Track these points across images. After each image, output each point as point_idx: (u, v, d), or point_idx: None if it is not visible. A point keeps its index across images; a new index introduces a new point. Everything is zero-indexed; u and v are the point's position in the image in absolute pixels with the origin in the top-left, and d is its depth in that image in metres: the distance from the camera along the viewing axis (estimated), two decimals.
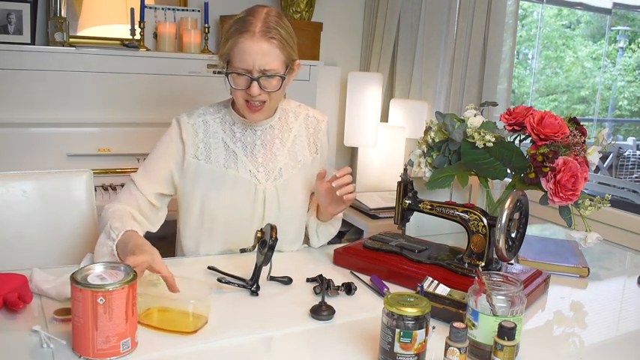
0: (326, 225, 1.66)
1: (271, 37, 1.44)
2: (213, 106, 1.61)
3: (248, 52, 1.43)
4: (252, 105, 1.49)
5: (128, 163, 2.51)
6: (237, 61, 1.45)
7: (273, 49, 1.45)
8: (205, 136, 1.56)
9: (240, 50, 1.44)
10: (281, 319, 1.21)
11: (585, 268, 1.58)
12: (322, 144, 1.69)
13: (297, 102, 1.71)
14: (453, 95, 2.98)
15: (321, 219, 1.65)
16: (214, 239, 1.58)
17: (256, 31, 1.43)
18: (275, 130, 1.62)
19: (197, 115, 1.57)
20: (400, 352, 0.99)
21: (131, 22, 2.69)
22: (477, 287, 1.08)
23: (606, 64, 7.51)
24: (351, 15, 3.51)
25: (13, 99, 2.37)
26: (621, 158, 6.46)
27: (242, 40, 1.44)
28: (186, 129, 1.55)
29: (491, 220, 1.38)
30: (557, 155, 1.50)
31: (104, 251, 1.35)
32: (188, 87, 2.64)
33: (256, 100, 1.48)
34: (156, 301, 1.16)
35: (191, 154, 1.54)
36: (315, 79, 2.92)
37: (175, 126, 1.56)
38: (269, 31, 1.44)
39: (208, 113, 1.59)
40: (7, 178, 1.56)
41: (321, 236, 1.68)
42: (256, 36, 1.43)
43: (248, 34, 1.43)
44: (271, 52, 1.44)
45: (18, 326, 1.11)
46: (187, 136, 1.54)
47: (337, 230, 1.71)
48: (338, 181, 1.49)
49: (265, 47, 1.43)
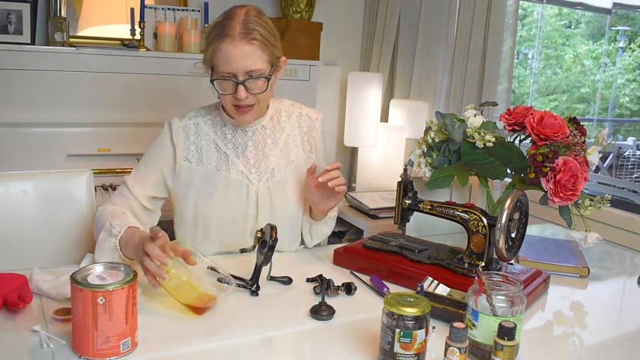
0: (319, 224, 1.64)
1: (252, 38, 1.43)
2: (204, 108, 1.62)
3: (230, 56, 1.42)
4: (240, 107, 1.49)
5: (128, 163, 2.51)
6: (221, 66, 1.44)
7: (255, 50, 1.43)
8: (197, 139, 1.56)
9: (222, 55, 1.43)
10: (281, 319, 1.21)
11: (585, 268, 1.58)
12: (317, 142, 1.68)
13: (290, 101, 1.70)
14: (453, 95, 2.98)
15: (314, 218, 1.64)
16: (209, 240, 1.58)
17: (236, 35, 1.42)
18: (267, 131, 1.62)
19: (188, 118, 1.58)
20: (400, 352, 0.99)
21: (131, 22, 2.69)
22: (476, 287, 1.08)
23: (606, 62, 7.52)
24: (351, 15, 3.51)
25: (13, 99, 2.37)
26: (621, 158, 6.46)
27: (223, 45, 1.43)
28: (177, 132, 1.55)
29: (491, 220, 1.38)
30: (557, 155, 1.50)
31: (106, 247, 1.35)
32: (188, 87, 2.64)
33: (244, 103, 1.48)
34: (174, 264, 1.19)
35: (182, 156, 1.55)
36: (315, 79, 2.92)
37: (167, 129, 1.56)
38: (249, 33, 1.43)
39: (199, 115, 1.59)
40: (7, 178, 1.56)
41: (315, 236, 1.67)
42: (237, 39, 1.42)
43: (228, 38, 1.42)
44: (254, 54, 1.43)
45: (18, 326, 1.11)
46: (178, 138, 1.55)
47: (331, 230, 1.70)
48: (327, 175, 1.48)
49: (247, 49, 1.42)
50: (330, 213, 1.65)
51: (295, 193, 1.63)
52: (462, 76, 2.92)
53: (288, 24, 3.02)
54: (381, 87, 3.15)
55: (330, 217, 1.68)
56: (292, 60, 2.84)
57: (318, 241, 1.69)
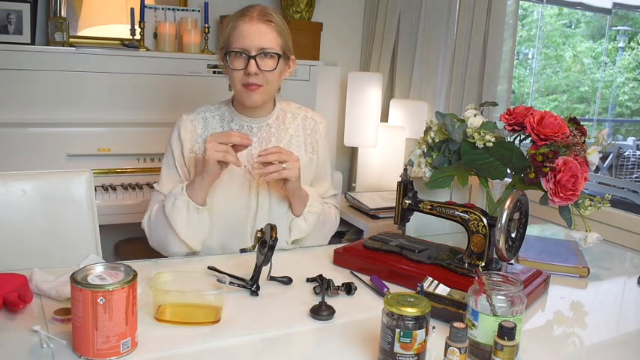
0: (298, 219, 1.61)
1: (269, 20, 1.54)
2: (214, 104, 1.68)
3: (246, 33, 1.52)
4: (250, 86, 1.53)
5: (128, 163, 2.52)
6: (236, 42, 1.53)
7: (271, 31, 1.53)
8: (204, 132, 1.62)
9: (238, 33, 1.53)
10: (281, 319, 1.21)
11: (585, 268, 1.58)
12: (319, 145, 1.70)
13: (297, 104, 1.74)
14: (453, 95, 2.98)
15: (294, 213, 1.61)
16: (213, 233, 1.59)
17: (254, 15, 1.53)
18: (272, 129, 1.66)
19: (197, 113, 1.65)
20: (400, 352, 0.99)
21: (131, 22, 2.69)
22: (476, 287, 1.08)
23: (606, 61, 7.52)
24: (351, 15, 3.51)
25: (13, 99, 2.37)
26: (621, 158, 6.46)
27: (240, 23, 1.53)
28: (185, 125, 1.62)
29: (492, 220, 1.38)
30: (557, 155, 1.50)
31: (179, 205, 1.50)
32: (188, 87, 2.64)
33: (253, 81, 1.52)
34: (165, 297, 1.17)
35: (189, 149, 1.61)
36: (315, 79, 2.92)
37: (175, 128, 1.64)
38: (266, 15, 1.54)
39: (208, 111, 1.66)
40: (7, 178, 1.56)
41: (293, 230, 1.61)
42: (254, 19, 1.53)
43: (247, 17, 1.53)
44: (269, 33, 1.53)
45: (18, 326, 1.11)
46: (185, 133, 1.62)
47: (310, 226, 1.62)
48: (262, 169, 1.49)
49: (263, 28, 1.52)
50: (308, 207, 1.60)
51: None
52: (462, 76, 2.92)
53: (288, 24, 3.02)
54: (381, 87, 3.15)
55: (310, 212, 1.61)
56: None
57: (296, 237, 1.62)
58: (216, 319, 1.17)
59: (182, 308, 1.18)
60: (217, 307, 1.18)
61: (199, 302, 1.19)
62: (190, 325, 1.15)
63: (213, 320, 1.16)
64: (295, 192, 1.56)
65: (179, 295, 1.18)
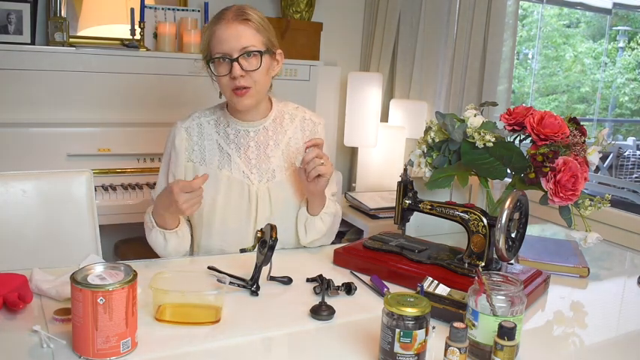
0: (315, 219, 1.60)
1: (245, 18, 1.50)
2: (209, 109, 1.66)
3: (225, 37, 1.49)
4: (237, 90, 1.51)
5: (128, 163, 2.52)
6: (216, 48, 1.50)
7: (249, 29, 1.50)
8: (200, 139, 1.60)
9: (217, 38, 1.50)
10: (281, 319, 1.21)
11: (585, 268, 1.58)
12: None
13: (295, 104, 1.71)
14: (453, 95, 2.98)
15: (310, 212, 1.61)
16: (212, 238, 1.59)
17: (230, 17, 1.50)
18: (269, 132, 1.63)
19: (192, 119, 1.63)
20: (400, 352, 0.99)
21: (131, 22, 2.69)
22: (477, 287, 1.08)
23: (606, 62, 7.52)
24: (351, 15, 3.51)
25: (13, 99, 2.37)
26: (621, 158, 6.46)
27: (217, 27, 1.50)
28: (180, 133, 1.60)
29: (492, 220, 1.38)
30: (557, 155, 1.50)
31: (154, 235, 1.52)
32: (188, 87, 2.64)
33: (240, 84, 1.50)
34: (165, 297, 1.17)
35: (185, 158, 1.59)
36: (315, 79, 2.92)
37: (170, 135, 1.63)
38: (242, 15, 1.50)
39: (203, 116, 1.64)
40: (7, 178, 1.56)
41: (309, 231, 1.61)
42: (230, 21, 1.50)
43: (222, 20, 1.50)
44: (248, 32, 1.50)
45: (18, 326, 1.11)
46: (180, 140, 1.60)
47: (327, 227, 1.63)
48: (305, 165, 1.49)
49: (241, 28, 1.49)
50: (325, 209, 1.61)
51: (294, 195, 1.63)
52: (462, 76, 2.92)
53: (288, 24, 3.02)
54: (381, 87, 3.15)
55: (327, 213, 1.61)
56: (292, 60, 2.84)
57: (312, 238, 1.62)
58: (216, 319, 1.17)
59: (182, 308, 1.18)
60: (217, 307, 1.18)
61: (199, 302, 1.19)
62: (190, 325, 1.15)
63: (213, 320, 1.17)
64: (322, 191, 1.56)
65: (179, 295, 1.18)
